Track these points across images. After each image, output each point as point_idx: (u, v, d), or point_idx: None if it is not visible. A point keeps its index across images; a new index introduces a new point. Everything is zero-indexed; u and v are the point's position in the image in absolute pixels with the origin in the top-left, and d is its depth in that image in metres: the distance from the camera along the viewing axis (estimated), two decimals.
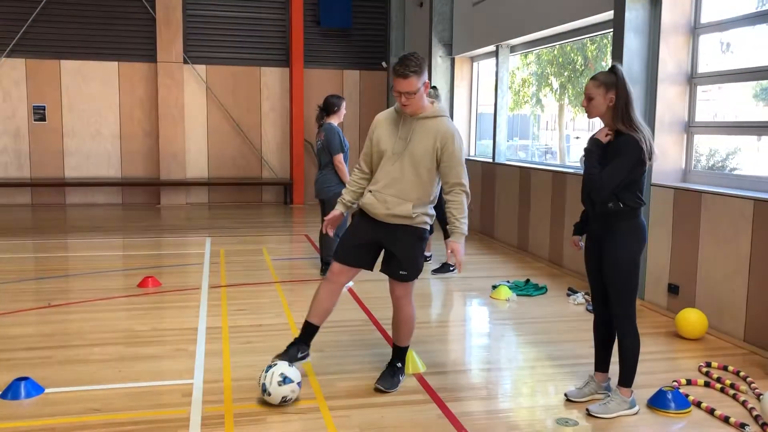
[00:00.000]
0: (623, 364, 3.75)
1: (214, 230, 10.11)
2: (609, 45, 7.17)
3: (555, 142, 10.96)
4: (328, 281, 4.06)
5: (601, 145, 3.66)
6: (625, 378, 3.76)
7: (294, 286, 6.74)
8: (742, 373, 4.33)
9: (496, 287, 6.49)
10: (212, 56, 13.33)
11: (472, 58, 11.11)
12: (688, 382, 4.22)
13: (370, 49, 14.04)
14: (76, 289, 6.48)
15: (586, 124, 10.15)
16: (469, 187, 3.92)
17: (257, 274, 7.16)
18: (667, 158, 6.00)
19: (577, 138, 10.75)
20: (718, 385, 4.14)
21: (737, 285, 5.04)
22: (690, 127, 6.02)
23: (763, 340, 4.82)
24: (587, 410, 3.74)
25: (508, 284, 6.63)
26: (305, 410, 3.73)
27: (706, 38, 5.92)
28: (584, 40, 8.53)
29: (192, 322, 5.38)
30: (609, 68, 3.70)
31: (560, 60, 9.80)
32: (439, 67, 11.18)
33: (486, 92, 10.87)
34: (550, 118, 11.43)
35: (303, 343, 4.10)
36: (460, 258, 3.83)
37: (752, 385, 4.12)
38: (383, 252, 4.03)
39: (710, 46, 5.98)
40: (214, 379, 4.16)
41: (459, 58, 11.12)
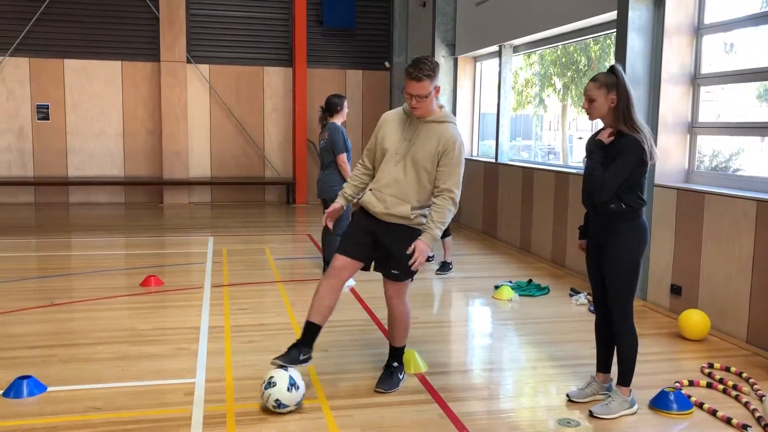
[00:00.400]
0: (622, 364, 3.76)
1: (217, 229, 10.13)
2: (612, 45, 7.15)
3: (558, 142, 10.94)
4: (330, 276, 3.90)
5: (602, 146, 3.65)
6: (624, 377, 3.76)
7: (296, 285, 6.74)
8: (744, 375, 4.32)
9: (498, 287, 6.49)
10: (215, 56, 13.35)
11: (475, 58, 11.10)
12: (691, 383, 4.22)
13: (373, 49, 14.04)
14: (78, 288, 6.49)
15: (588, 125, 10.14)
16: (458, 197, 3.84)
17: (260, 274, 7.17)
18: (670, 159, 6.00)
19: (580, 138, 10.72)
20: (721, 386, 4.13)
21: (740, 286, 5.03)
22: (693, 128, 6.01)
23: (765, 341, 4.81)
24: (590, 412, 3.73)
25: (511, 284, 6.63)
26: (307, 410, 3.73)
27: (709, 39, 5.91)
28: (587, 41, 8.52)
29: (194, 321, 5.39)
30: (608, 69, 3.68)
31: (563, 60, 9.78)
32: (442, 67, 11.15)
33: (489, 92, 10.86)
34: (553, 119, 11.42)
35: (305, 345, 3.87)
36: (422, 259, 3.78)
37: (755, 386, 4.11)
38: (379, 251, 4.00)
39: (714, 47, 5.97)
40: (216, 378, 4.17)
41: (462, 58, 11.12)
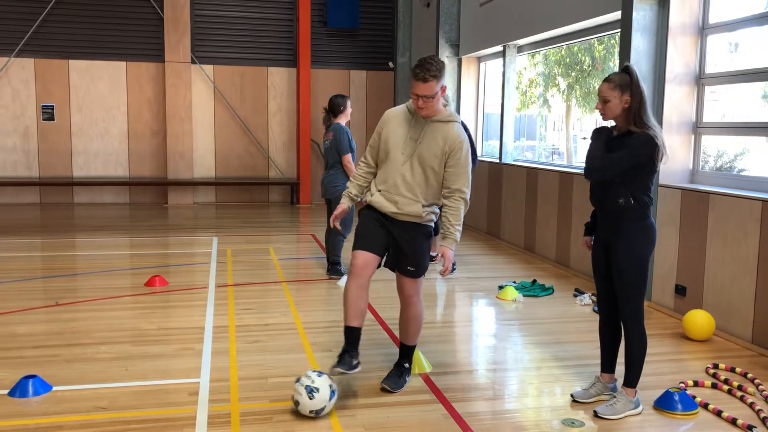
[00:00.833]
0: (629, 365, 3.75)
1: (221, 230, 10.14)
2: (616, 45, 7.15)
3: (562, 142, 10.94)
4: (355, 276, 3.86)
5: (611, 137, 3.65)
6: (631, 379, 3.75)
7: (300, 285, 6.75)
8: (749, 375, 4.31)
9: (502, 288, 6.49)
10: (220, 56, 13.37)
11: (479, 59, 11.10)
12: (695, 384, 4.21)
13: (377, 49, 14.05)
14: (83, 288, 6.51)
15: (593, 125, 10.13)
16: (469, 196, 3.88)
17: (264, 274, 7.18)
18: (674, 159, 5.98)
19: (584, 138, 10.72)
20: (726, 387, 4.12)
21: (745, 286, 5.02)
22: (698, 128, 6.00)
23: None
24: (594, 412, 3.73)
25: (515, 285, 6.63)
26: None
27: (714, 38, 5.89)
28: (592, 41, 8.51)
29: (199, 321, 5.40)
30: (622, 68, 3.65)
31: (567, 60, 9.78)
32: (446, 68, 11.13)
33: (493, 92, 10.85)
34: (557, 119, 11.42)
35: (353, 349, 3.83)
36: (449, 264, 3.80)
37: (760, 387, 4.10)
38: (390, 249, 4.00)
39: (718, 47, 5.95)
40: (220, 378, 4.17)
41: (466, 58, 11.12)
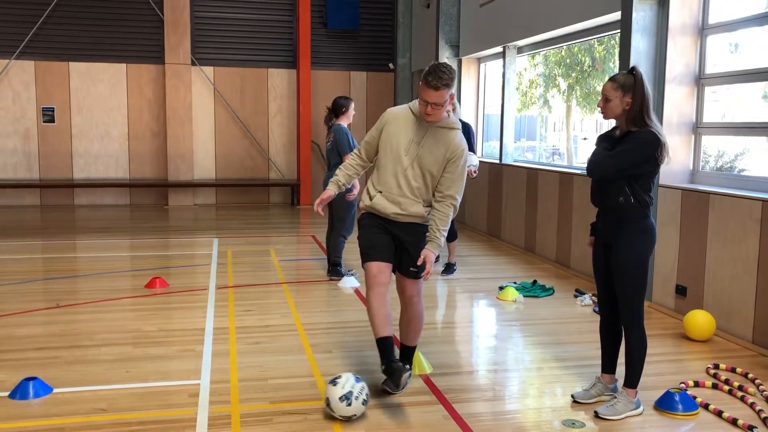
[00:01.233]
0: (630, 366, 3.75)
1: (222, 231, 10.14)
2: (617, 46, 7.15)
3: (562, 143, 10.94)
4: (373, 286, 3.87)
5: (614, 139, 3.67)
6: (631, 379, 3.75)
7: (301, 287, 6.75)
8: (750, 375, 4.31)
9: (503, 288, 6.48)
10: (220, 58, 13.38)
11: (479, 59, 11.10)
12: (696, 384, 4.21)
13: (377, 50, 14.06)
14: (84, 290, 6.51)
15: (593, 125, 10.14)
16: (459, 204, 3.91)
17: (264, 275, 7.18)
18: (675, 159, 5.97)
19: (585, 139, 10.73)
20: (726, 387, 4.12)
21: (745, 286, 5.01)
22: (698, 128, 6.00)
23: None
24: (595, 412, 3.73)
25: (515, 285, 6.62)
26: (311, 410, 3.74)
27: (714, 39, 5.89)
28: (592, 41, 8.51)
29: (199, 322, 5.40)
30: (629, 69, 3.65)
31: (568, 61, 9.78)
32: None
33: (493, 93, 10.86)
34: (557, 120, 11.42)
35: (392, 357, 3.85)
36: (430, 267, 3.81)
37: (760, 387, 4.10)
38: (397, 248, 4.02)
39: (718, 47, 5.95)
40: (221, 379, 4.17)
41: (466, 59, 11.12)
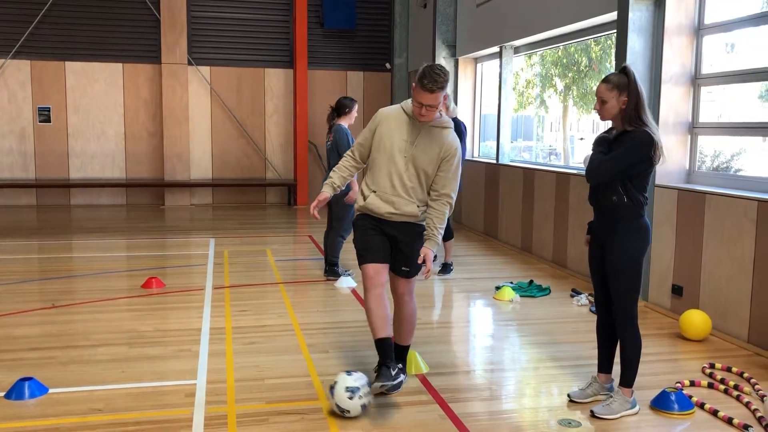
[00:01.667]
0: (625, 365, 3.76)
1: (218, 231, 10.13)
2: (613, 46, 7.16)
3: (559, 143, 10.94)
4: (370, 288, 3.88)
5: (609, 141, 3.68)
6: (627, 378, 3.76)
7: (297, 287, 6.75)
8: (745, 375, 4.32)
9: (499, 288, 6.49)
10: (216, 57, 13.37)
11: (476, 59, 11.11)
12: (692, 384, 4.22)
13: (374, 50, 14.05)
14: (80, 290, 6.50)
15: (590, 126, 10.14)
16: (454, 201, 3.94)
17: (261, 275, 7.17)
18: (671, 159, 5.99)
19: (582, 139, 10.73)
20: (722, 387, 4.13)
21: (741, 286, 5.03)
22: (694, 128, 6.01)
23: (767, 341, 4.80)
24: (591, 412, 3.74)
25: (512, 285, 6.63)
26: (308, 410, 3.74)
27: (710, 39, 5.91)
28: (588, 41, 8.52)
29: (195, 322, 5.40)
30: (620, 69, 3.65)
31: (564, 61, 9.78)
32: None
33: (490, 93, 10.86)
34: (554, 120, 11.41)
35: (389, 359, 3.89)
36: (430, 265, 3.82)
37: (756, 386, 4.11)
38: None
39: (714, 47, 5.96)
40: (217, 379, 4.17)
41: (463, 59, 11.12)
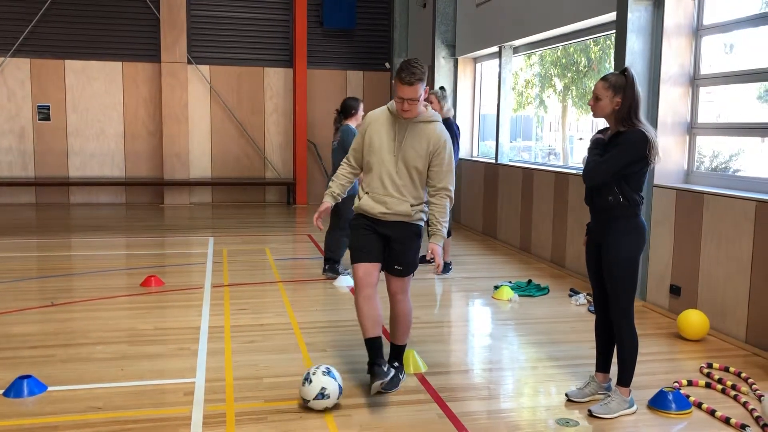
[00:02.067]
0: (622, 364, 3.77)
1: (217, 230, 10.14)
2: (612, 46, 7.16)
3: (558, 143, 10.94)
4: (361, 288, 3.87)
5: (603, 143, 3.70)
6: (624, 378, 3.77)
7: (297, 285, 6.75)
8: (743, 374, 4.33)
9: (498, 288, 6.50)
10: (216, 56, 13.37)
11: (475, 59, 11.11)
12: (689, 383, 4.23)
13: (373, 49, 14.06)
14: (79, 288, 6.50)
15: (589, 126, 10.14)
16: (453, 193, 3.96)
17: (260, 274, 7.18)
18: (669, 159, 6.00)
19: (581, 139, 10.73)
20: (719, 386, 4.14)
21: (739, 286, 5.04)
22: (692, 129, 6.02)
23: (764, 341, 4.81)
24: (589, 411, 3.74)
25: (510, 285, 6.64)
26: (306, 410, 3.74)
27: (708, 39, 5.92)
28: (588, 42, 8.53)
29: (194, 321, 5.40)
30: (621, 70, 3.67)
31: (563, 61, 9.79)
32: (442, 68, 11.17)
33: (489, 93, 10.87)
34: (553, 120, 11.42)
35: (380, 358, 3.87)
36: (440, 260, 3.85)
37: (753, 386, 4.12)
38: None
39: (713, 48, 5.97)
40: (216, 378, 4.18)
41: (462, 59, 11.13)
